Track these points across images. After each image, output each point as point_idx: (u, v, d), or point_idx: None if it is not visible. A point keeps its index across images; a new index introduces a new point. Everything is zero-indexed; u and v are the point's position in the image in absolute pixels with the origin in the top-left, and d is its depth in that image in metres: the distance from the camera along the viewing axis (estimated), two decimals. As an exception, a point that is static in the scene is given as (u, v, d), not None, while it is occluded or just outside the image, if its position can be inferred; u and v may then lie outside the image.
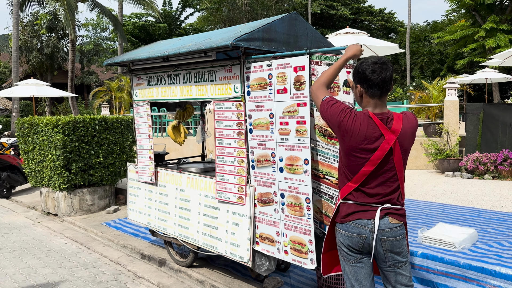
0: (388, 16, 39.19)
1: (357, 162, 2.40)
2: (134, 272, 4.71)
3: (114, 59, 4.95)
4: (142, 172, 5.04)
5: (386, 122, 2.37)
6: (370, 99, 2.41)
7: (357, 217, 2.43)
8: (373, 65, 2.34)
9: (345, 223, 2.48)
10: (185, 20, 32.49)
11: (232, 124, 3.84)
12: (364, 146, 2.34)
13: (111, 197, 7.78)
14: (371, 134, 2.33)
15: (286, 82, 3.34)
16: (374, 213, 2.39)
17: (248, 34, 3.51)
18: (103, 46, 31.87)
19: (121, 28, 21.65)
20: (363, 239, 2.42)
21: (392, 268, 2.46)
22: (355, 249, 2.47)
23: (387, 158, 2.36)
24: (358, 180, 2.41)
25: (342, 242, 2.52)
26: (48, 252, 5.43)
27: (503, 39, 22.20)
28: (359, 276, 2.51)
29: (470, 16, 26.01)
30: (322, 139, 3.18)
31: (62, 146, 6.81)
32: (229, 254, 4.00)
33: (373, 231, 2.39)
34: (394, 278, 2.48)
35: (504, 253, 4.07)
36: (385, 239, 2.39)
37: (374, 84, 2.35)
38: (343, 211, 2.51)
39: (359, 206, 2.44)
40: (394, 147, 2.34)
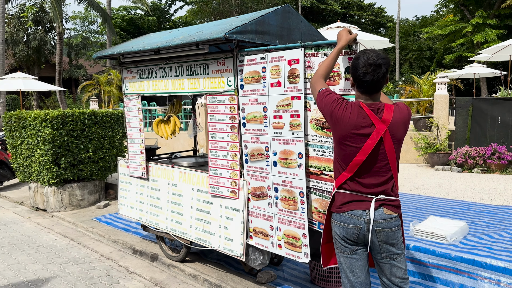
0: (378, 10, 39.28)
1: (349, 151, 2.44)
2: (125, 267, 4.67)
3: (104, 51, 4.88)
4: (133, 166, 4.99)
5: (376, 112, 2.41)
6: (361, 94, 2.49)
7: (352, 207, 2.45)
8: (367, 66, 2.37)
9: (341, 213, 2.51)
10: (175, 14, 32.22)
11: (225, 118, 3.81)
12: (354, 134, 2.38)
13: (101, 192, 7.71)
14: (361, 123, 2.38)
15: (280, 75, 3.32)
16: (369, 203, 2.42)
17: (242, 27, 3.47)
18: (91, 40, 31.48)
19: (109, 21, 21.39)
20: (358, 230, 2.44)
21: (387, 259, 2.48)
22: (350, 240, 2.49)
23: (378, 148, 2.39)
24: (352, 169, 2.44)
25: (338, 233, 2.54)
26: (38, 248, 5.36)
27: (491, 34, 22.36)
28: (354, 267, 2.52)
29: (458, 11, 26.15)
30: (320, 133, 3.15)
31: (51, 141, 6.71)
32: (223, 249, 3.98)
33: (368, 221, 2.41)
34: (389, 270, 2.50)
35: (495, 245, 4.11)
36: (380, 230, 2.42)
37: (364, 85, 2.42)
38: (338, 200, 2.53)
39: (354, 196, 2.47)
40: (385, 136, 2.37)
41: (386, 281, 2.54)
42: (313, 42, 3.14)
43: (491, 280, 3.67)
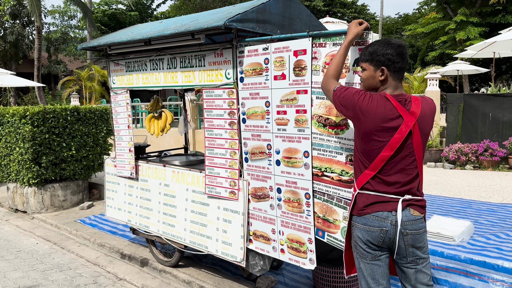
0: (361, 8, 39.36)
1: (375, 147, 2.23)
2: (114, 274, 4.37)
3: (90, 43, 4.55)
4: (121, 166, 4.68)
5: (404, 103, 2.22)
6: (393, 81, 2.29)
7: (377, 209, 2.24)
8: (398, 48, 2.25)
9: (363, 215, 2.29)
10: (157, 9, 31.63)
11: (223, 113, 3.55)
12: (381, 127, 2.18)
13: (84, 192, 7.34)
14: (388, 115, 2.18)
15: (284, 67, 3.07)
16: (395, 204, 2.21)
17: (242, 15, 3.21)
18: (71, 35, 30.64)
19: (90, 16, 20.75)
20: (383, 233, 2.23)
21: (412, 264, 2.29)
22: (375, 244, 2.28)
23: (406, 142, 2.20)
24: (376, 166, 2.24)
25: (360, 237, 2.32)
26: (18, 253, 5.00)
27: (473, 32, 22.54)
28: (376, 274, 2.32)
29: (441, 9, 26.32)
30: (322, 130, 2.90)
31: (31, 138, 6.33)
32: (220, 253, 3.72)
33: (394, 224, 2.21)
34: (414, 276, 2.30)
35: (503, 245, 3.97)
36: (407, 232, 2.22)
37: (401, 68, 2.27)
38: (361, 202, 2.32)
39: (378, 197, 2.26)
40: (414, 130, 2.18)
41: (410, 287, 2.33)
42: (321, 32, 2.90)
43: (503, 283, 3.51)
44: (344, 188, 2.82)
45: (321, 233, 3.06)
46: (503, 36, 11.74)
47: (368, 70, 2.34)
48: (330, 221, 2.97)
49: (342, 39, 2.75)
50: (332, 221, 2.95)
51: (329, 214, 2.97)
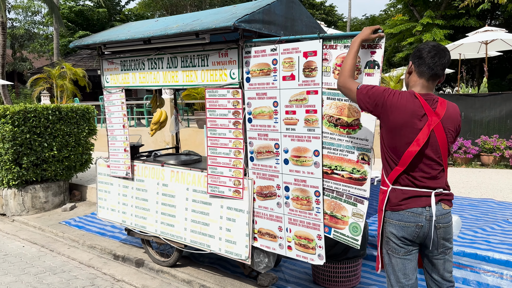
0: (329, 9, 40.03)
1: (403, 142, 2.32)
2: (111, 275, 4.30)
3: (83, 40, 4.46)
4: (115, 166, 4.61)
5: (431, 103, 2.33)
6: (418, 78, 2.39)
7: (412, 205, 2.33)
8: (432, 47, 2.35)
9: (398, 211, 2.36)
10: (126, 5, 31.00)
11: (227, 113, 3.57)
12: (410, 123, 2.29)
13: (65, 194, 7.16)
14: (417, 111, 2.30)
15: (294, 68, 3.13)
16: (428, 199, 2.31)
17: (250, 15, 3.25)
18: (35, 31, 29.59)
19: (57, 12, 20.08)
20: (419, 228, 2.33)
21: (442, 255, 2.41)
22: (409, 240, 2.37)
23: (431, 140, 2.30)
24: (405, 162, 2.32)
25: (395, 233, 2.39)
26: (5, 257, 4.84)
27: (439, 34, 23.36)
28: (407, 269, 2.40)
29: (407, 11, 27.13)
30: (333, 130, 2.99)
31: (11, 139, 6.12)
32: (224, 252, 3.75)
33: (429, 219, 2.31)
34: (443, 265, 2.43)
35: (491, 238, 4.19)
36: (440, 226, 2.34)
37: (424, 63, 2.34)
38: (394, 197, 2.39)
39: (411, 192, 2.34)
40: (437, 128, 2.30)
41: (437, 278, 2.45)
42: (332, 34, 2.98)
43: (494, 273, 3.70)
44: (355, 186, 2.92)
45: (327, 229, 3.15)
46: (469, 39, 12.25)
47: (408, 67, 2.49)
48: (338, 217, 3.06)
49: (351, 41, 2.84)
50: (340, 217, 3.05)
51: (337, 210, 3.06)
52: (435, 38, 23.33)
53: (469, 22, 22.62)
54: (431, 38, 23.26)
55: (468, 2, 14.68)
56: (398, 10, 30.18)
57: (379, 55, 2.74)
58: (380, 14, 36.08)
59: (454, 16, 23.77)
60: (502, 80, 23.17)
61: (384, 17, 33.89)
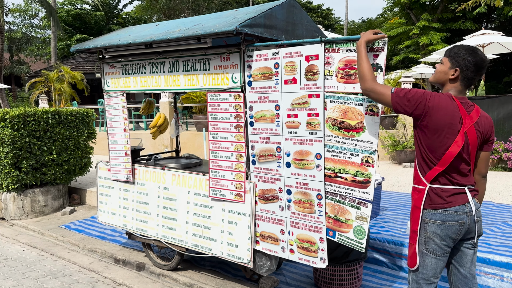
0: (326, 12, 40.15)
1: (443, 143, 2.39)
2: (112, 279, 4.30)
3: (83, 45, 4.47)
4: (116, 169, 4.62)
5: (466, 107, 2.43)
6: (459, 85, 2.47)
7: (454, 204, 2.41)
8: (480, 60, 2.42)
9: (440, 210, 2.42)
10: (123, 9, 31.02)
11: (229, 116, 3.59)
12: (451, 124, 2.37)
13: (64, 197, 7.15)
14: (455, 113, 2.39)
15: (295, 72, 3.15)
16: (465, 196, 2.42)
17: (252, 20, 3.27)
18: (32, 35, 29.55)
19: (55, 15, 20.10)
20: (462, 225, 2.41)
21: (472, 247, 2.51)
22: (452, 238, 2.44)
23: (465, 141, 2.41)
24: (445, 162, 2.39)
25: (439, 233, 2.43)
26: (5, 261, 4.83)
27: (435, 37, 23.48)
28: (439, 269, 2.49)
29: (404, 14, 27.27)
30: (337, 133, 3.01)
31: (11, 142, 6.11)
32: (226, 255, 3.75)
33: (469, 214, 2.41)
34: (472, 258, 2.53)
35: (491, 240, 4.20)
36: (478, 219, 2.46)
37: (472, 78, 2.45)
38: (434, 197, 2.45)
39: (451, 190, 2.43)
40: (470, 131, 2.40)
41: (465, 273, 2.53)
42: (334, 38, 3.01)
43: (494, 275, 3.72)
44: (359, 189, 2.94)
45: (332, 233, 3.16)
46: (466, 42, 12.32)
47: (445, 65, 2.50)
48: (342, 221, 3.07)
49: (355, 45, 2.86)
50: (344, 220, 3.06)
51: (341, 214, 3.07)
52: (432, 41, 23.44)
53: (465, 25, 22.75)
54: (428, 41, 23.37)
55: (465, 6, 14.77)
56: (394, 14, 30.31)
57: (381, 58, 2.76)
58: (377, 18, 36.24)
59: (450, 19, 23.89)
60: (499, 83, 23.29)
61: (381, 20, 34.04)
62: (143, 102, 5.18)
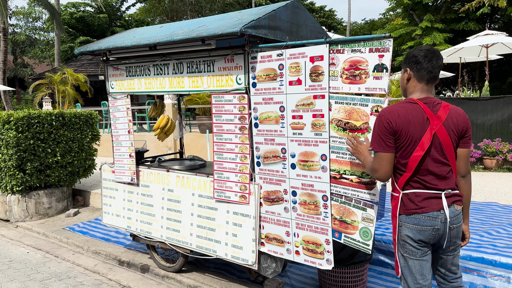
0: (329, 13, 40.13)
1: (409, 148, 2.36)
2: (117, 281, 4.29)
3: (87, 47, 4.47)
4: (120, 171, 4.61)
5: (432, 106, 2.38)
6: (418, 83, 2.44)
7: (428, 209, 2.35)
8: (426, 51, 2.42)
9: (413, 215, 2.38)
10: (126, 11, 31.08)
11: (233, 118, 3.58)
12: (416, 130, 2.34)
13: (69, 199, 7.15)
14: (419, 118, 2.34)
15: (300, 73, 3.14)
16: (440, 201, 2.35)
17: (256, 21, 3.27)
18: (36, 37, 29.67)
19: (58, 18, 20.17)
20: (435, 231, 2.37)
21: (452, 252, 2.48)
22: (426, 242, 2.40)
23: (435, 143, 2.35)
24: (411, 167, 2.36)
25: (411, 236, 2.40)
26: (10, 264, 4.83)
27: (438, 38, 23.42)
28: (424, 270, 2.43)
29: (407, 15, 27.22)
30: (342, 134, 3.00)
31: (15, 145, 6.12)
32: (230, 257, 3.74)
33: (444, 221, 2.35)
34: (452, 261, 2.50)
35: (497, 242, 4.18)
36: (454, 226, 2.40)
37: (423, 68, 2.40)
38: (408, 201, 2.41)
39: (423, 194, 2.37)
40: (441, 131, 2.34)
41: (444, 272, 2.53)
42: (339, 38, 3.00)
43: (500, 277, 3.69)
44: (364, 190, 2.92)
45: (338, 235, 3.15)
46: (470, 43, 12.28)
47: (402, 75, 2.56)
48: (348, 222, 3.06)
49: (360, 45, 2.86)
50: (350, 222, 3.04)
51: (346, 215, 3.06)
52: (435, 41, 23.37)
53: (468, 25, 22.66)
54: (431, 42, 23.30)
55: (469, 6, 14.73)
56: (397, 14, 30.26)
57: (387, 58, 2.75)
58: (380, 18, 36.20)
59: (453, 20, 23.82)
60: (503, 84, 23.20)
61: (383, 21, 33.99)
62: (150, 104, 5.18)
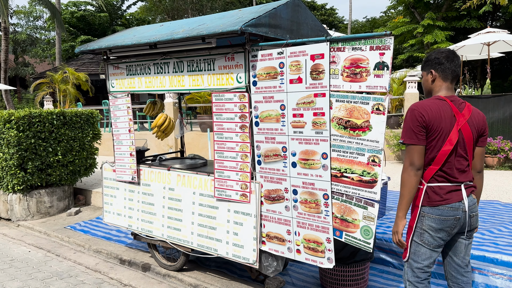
0: (330, 11, 40.06)
1: (438, 143, 2.50)
2: (118, 280, 4.30)
3: (88, 46, 4.47)
4: (121, 170, 4.61)
5: (458, 105, 2.54)
6: (443, 82, 2.59)
7: (451, 200, 2.51)
8: (447, 52, 2.60)
9: (437, 207, 2.52)
10: (127, 10, 31.08)
11: (233, 116, 3.57)
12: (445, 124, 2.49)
13: (70, 198, 7.16)
14: (448, 114, 2.50)
15: (301, 71, 3.14)
16: (460, 193, 2.52)
17: (256, 20, 3.26)
18: (37, 36, 29.68)
19: (59, 17, 20.17)
20: (456, 220, 2.53)
21: (467, 238, 2.65)
22: (447, 232, 2.55)
23: (460, 138, 2.51)
24: (440, 161, 2.50)
25: (433, 226, 2.54)
26: (12, 262, 4.84)
27: (440, 35, 23.36)
28: (432, 259, 2.61)
29: (408, 13, 27.15)
30: (342, 132, 2.98)
31: (16, 144, 6.13)
32: (231, 256, 3.74)
33: (464, 210, 2.52)
34: (466, 249, 2.66)
35: (499, 240, 4.16)
36: (473, 214, 2.58)
37: (447, 68, 2.56)
38: (432, 194, 2.54)
39: (447, 187, 2.52)
40: (465, 128, 2.51)
41: (458, 262, 2.67)
42: (340, 36, 2.98)
43: (502, 275, 3.69)
44: (365, 188, 2.91)
45: (339, 233, 3.14)
46: (471, 40, 12.24)
47: (423, 77, 2.69)
48: (349, 221, 3.05)
49: (361, 43, 2.84)
50: (351, 220, 3.04)
51: (347, 214, 3.05)
52: (436, 39, 23.31)
53: (470, 23, 22.61)
54: (432, 40, 23.25)
55: (470, 4, 14.68)
56: (399, 12, 30.21)
57: (388, 56, 2.74)
58: (381, 16, 36.12)
59: (455, 18, 23.75)
60: (504, 82, 23.15)
61: (385, 19, 33.92)
62: (148, 102, 5.17)
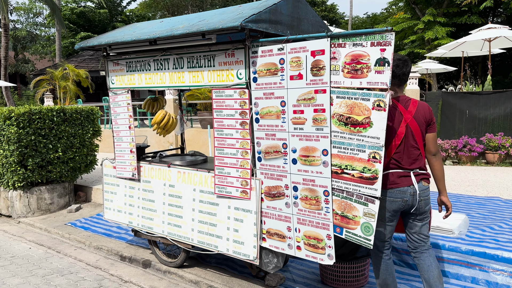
0: (330, 7, 39.94)
1: (390, 138, 2.95)
2: (118, 276, 4.30)
3: (88, 42, 4.45)
4: (122, 167, 4.61)
5: (404, 103, 3.00)
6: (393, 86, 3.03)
7: (400, 185, 2.98)
8: (397, 61, 3.00)
9: (389, 190, 2.99)
10: (127, 6, 31.00)
11: (234, 113, 3.56)
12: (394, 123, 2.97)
13: (70, 195, 7.16)
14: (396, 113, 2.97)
15: (301, 67, 3.12)
16: (410, 179, 2.98)
17: (256, 15, 3.24)
18: (37, 33, 29.64)
19: (59, 13, 20.14)
20: (404, 202, 3.00)
21: (420, 220, 3.11)
22: (396, 211, 3.03)
23: (408, 131, 2.97)
24: (390, 153, 2.98)
25: (387, 207, 3.02)
26: (12, 259, 4.84)
27: (441, 31, 23.30)
28: (392, 231, 3.14)
29: (409, 9, 27.06)
30: (343, 129, 2.97)
31: (16, 140, 6.12)
32: (232, 252, 3.74)
33: (412, 194, 2.98)
34: (420, 228, 3.12)
35: (499, 237, 4.16)
36: (421, 199, 3.02)
37: (395, 76, 2.98)
38: (386, 179, 2.98)
39: (398, 173, 2.99)
40: (412, 123, 2.96)
41: (415, 236, 3.14)
42: (340, 32, 2.97)
43: (503, 272, 3.69)
44: (366, 185, 2.90)
45: (339, 230, 3.14)
46: (472, 36, 12.20)
47: None
48: (349, 218, 3.05)
49: (362, 39, 2.83)
50: (352, 217, 3.03)
51: (348, 210, 3.05)
52: (437, 35, 23.24)
53: (471, 19, 22.53)
54: (433, 36, 23.18)
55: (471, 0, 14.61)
56: (399, 8, 30.11)
57: (389, 52, 2.72)
58: (382, 13, 35.99)
59: (456, 14, 23.68)
60: (505, 78, 23.08)
61: (385, 15, 33.79)
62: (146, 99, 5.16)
